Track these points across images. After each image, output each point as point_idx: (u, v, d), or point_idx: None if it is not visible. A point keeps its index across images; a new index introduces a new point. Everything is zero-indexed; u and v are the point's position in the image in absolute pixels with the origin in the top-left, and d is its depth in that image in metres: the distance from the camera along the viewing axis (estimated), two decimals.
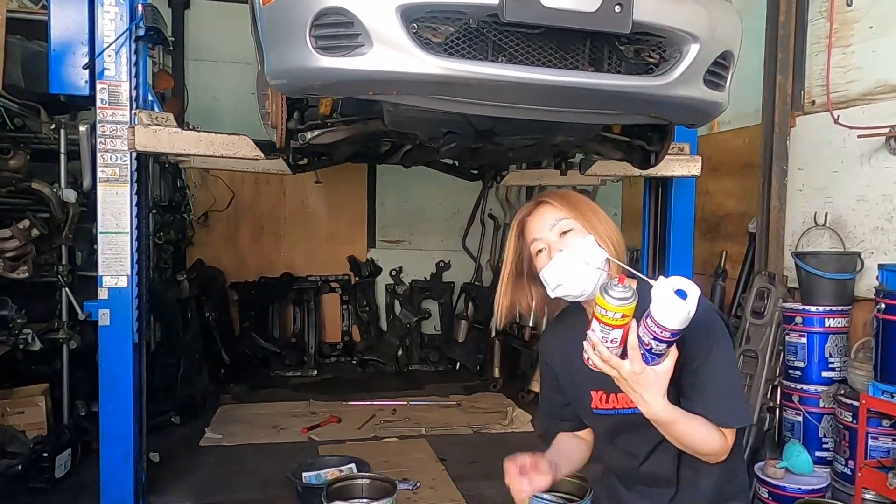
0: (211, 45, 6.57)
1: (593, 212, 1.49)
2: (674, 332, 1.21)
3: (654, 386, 1.27)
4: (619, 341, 1.26)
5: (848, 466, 3.25)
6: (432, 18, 2.04)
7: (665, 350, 1.26)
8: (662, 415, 1.30)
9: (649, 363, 1.26)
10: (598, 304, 1.24)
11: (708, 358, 1.38)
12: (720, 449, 1.38)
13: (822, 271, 3.56)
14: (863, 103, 3.65)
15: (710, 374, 1.38)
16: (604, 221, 1.47)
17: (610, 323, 1.23)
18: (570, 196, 1.52)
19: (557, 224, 1.46)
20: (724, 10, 2.38)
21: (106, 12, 3.18)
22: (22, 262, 3.78)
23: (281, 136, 2.86)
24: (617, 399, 1.48)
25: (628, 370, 1.26)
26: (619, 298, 1.21)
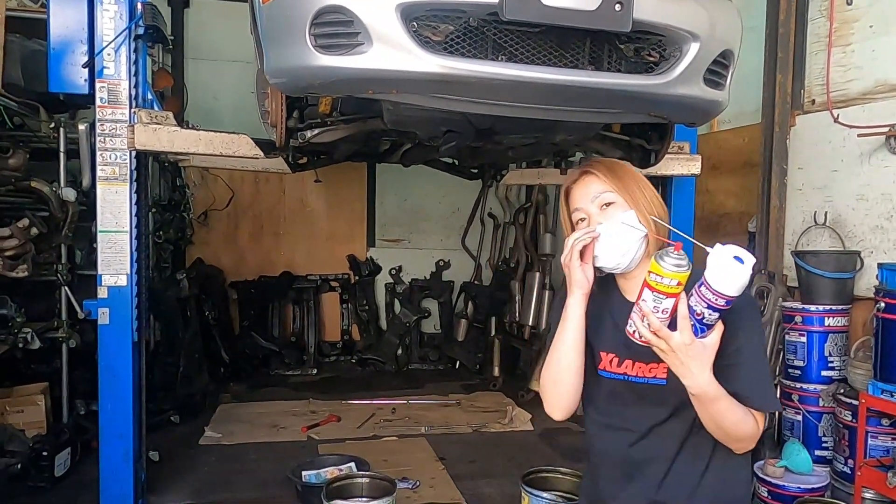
0: (210, 44, 6.57)
1: (637, 184, 1.46)
2: (728, 300, 1.21)
3: (702, 358, 1.26)
4: (669, 311, 1.25)
5: (847, 465, 3.26)
6: (432, 17, 2.04)
7: (715, 321, 1.25)
8: (708, 388, 1.28)
9: (697, 335, 1.25)
10: (651, 272, 1.23)
11: (751, 338, 1.38)
12: (753, 434, 1.35)
13: (822, 270, 3.56)
14: (863, 102, 3.65)
15: (751, 354, 1.37)
16: (648, 194, 1.45)
17: (664, 291, 1.22)
18: (615, 167, 1.49)
19: (600, 196, 1.45)
20: (724, 8, 2.37)
21: (105, 11, 3.18)
22: (21, 260, 3.78)
23: (280, 134, 2.86)
24: (631, 366, 1.45)
25: (678, 341, 1.24)
26: (675, 265, 1.21)
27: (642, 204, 1.44)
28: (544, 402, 1.53)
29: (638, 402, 1.46)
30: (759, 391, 1.37)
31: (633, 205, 1.43)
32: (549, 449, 4.51)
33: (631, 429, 1.48)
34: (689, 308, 1.24)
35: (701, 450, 1.44)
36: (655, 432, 1.46)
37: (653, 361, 1.41)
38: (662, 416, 1.43)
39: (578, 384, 1.48)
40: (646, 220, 1.42)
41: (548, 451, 4.45)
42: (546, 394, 1.51)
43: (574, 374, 1.46)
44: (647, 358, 1.41)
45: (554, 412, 1.51)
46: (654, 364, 1.42)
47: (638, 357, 1.44)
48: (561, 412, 1.50)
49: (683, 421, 1.43)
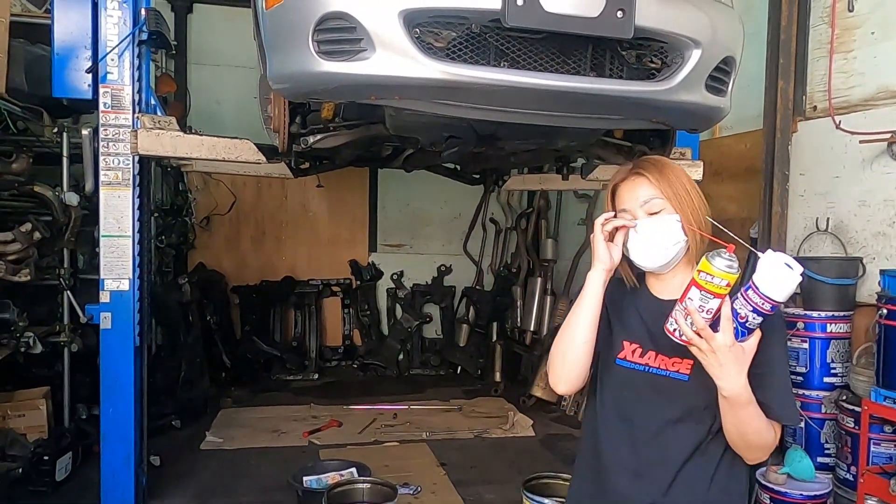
0: (213, 49, 6.59)
1: (686, 188, 1.45)
2: (774, 306, 1.23)
3: (740, 361, 1.27)
4: (713, 312, 1.25)
5: (850, 472, 3.24)
6: (434, 23, 2.05)
7: (757, 325, 1.26)
8: (743, 391, 1.29)
9: (738, 338, 1.26)
10: (701, 271, 1.24)
11: (781, 349, 1.39)
12: (771, 444, 1.37)
13: (824, 277, 3.56)
14: (864, 109, 3.65)
15: (779, 364, 1.38)
16: (696, 199, 1.45)
17: (712, 290, 1.23)
18: (666, 169, 1.47)
19: (649, 202, 1.45)
20: (725, 15, 2.38)
21: (109, 16, 3.20)
22: (24, 265, 3.78)
23: (283, 140, 2.87)
24: (654, 357, 1.45)
25: (721, 342, 1.25)
26: (728, 266, 1.23)
27: (689, 210, 1.44)
28: (550, 373, 1.51)
29: (653, 396, 1.45)
30: (783, 402, 1.38)
31: (680, 210, 1.43)
32: (550, 455, 4.50)
33: (641, 424, 1.47)
34: (733, 311, 1.26)
35: (711, 458, 1.43)
36: (667, 432, 1.44)
37: (676, 356, 1.41)
38: (675, 415, 1.42)
39: (588, 359, 1.47)
40: (689, 227, 1.43)
41: (549, 457, 4.44)
42: (554, 365, 1.49)
43: (585, 348, 1.45)
44: (670, 351, 1.41)
45: (559, 384, 1.50)
46: (678, 359, 1.41)
47: (662, 350, 1.43)
48: (566, 385, 1.49)
49: (697, 424, 1.42)
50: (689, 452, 1.43)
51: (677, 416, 1.42)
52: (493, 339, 6.57)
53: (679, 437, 1.44)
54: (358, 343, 7.02)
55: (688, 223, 1.43)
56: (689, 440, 1.43)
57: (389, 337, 6.95)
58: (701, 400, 1.37)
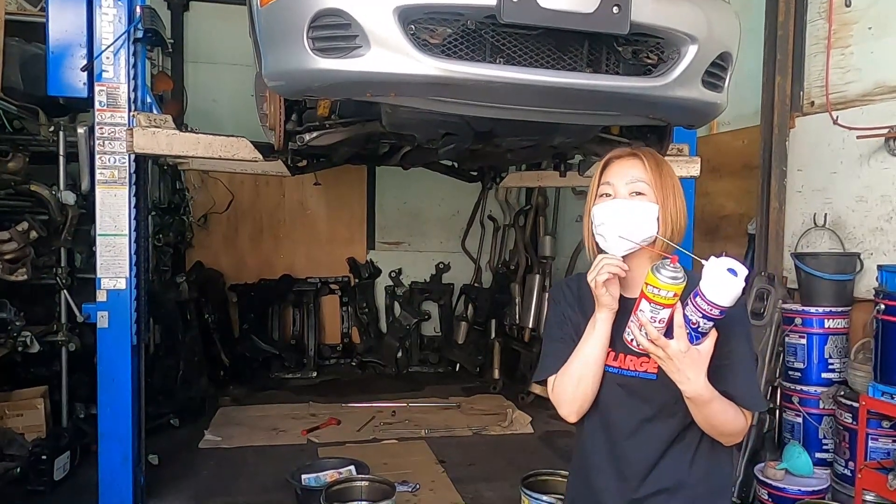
0: (210, 47, 6.58)
1: (673, 188, 1.47)
2: (722, 310, 1.26)
3: (697, 364, 1.31)
4: (665, 321, 1.29)
5: (848, 468, 3.25)
6: (430, 20, 2.04)
7: (710, 329, 1.30)
8: (703, 392, 1.33)
9: (693, 342, 1.30)
10: (648, 284, 1.28)
11: (741, 342, 1.43)
12: (741, 429, 1.42)
13: (822, 272, 3.56)
14: (862, 104, 3.65)
15: (741, 356, 1.43)
16: (678, 204, 1.46)
17: (661, 302, 1.27)
18: (663, 165, 1.49)
19: (635, 183, 1.46)
20: (721, 10, 2.38)
21: (104, 14, 3.19)
22: (21, 264, 3.78)
23: (279, 137, 2.86)
24: (623, 359, 1.48)
25: (675, 349, 1.29)
26: (671, 278, 1.26)
27: (669, 209, 1.45)
28: (560, 407, 1.54)
29: (626, 397, 1.48)
30: (747, 391, 1.43)
31: (661, 204, 1.45)
32: (549, 452, 4.50)
33: (618, 424, 1.50)
34: (685, 317, 1.29)
35: (688, 445, 1.47)
36: (645, 429, 1.48)
37: (643, 356, 1.44)
38: (649, 413, 1.46)
39: (595, 391, 1.50)
40: (664, 222, 1.44)
41: (548, 454, 4.44)
42: (565, 401, 1.52)
43: (595, 383, 1.49)
44: (637, 352, 1.43)
45: (571, 416, 1.53)
46: (646, 358, 1.44)
47: (630, 350, 1.45)
48: (578, 415, 1.53)
49: (670, 418, 1.45)
50: (667, 444, 1.47)
51: (652, 414, 1.46)
52: (491, 336, 6.57)
53: (656, 433, 1.47)
54: (356, 341, 7.02)
55: (663, 219, 1.44)
56: (665, 434, 1.47)
57: (388, 335, 6.95)
58: (671, 396, 1.39)
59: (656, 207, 1.44)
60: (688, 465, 1.47)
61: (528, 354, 6.08)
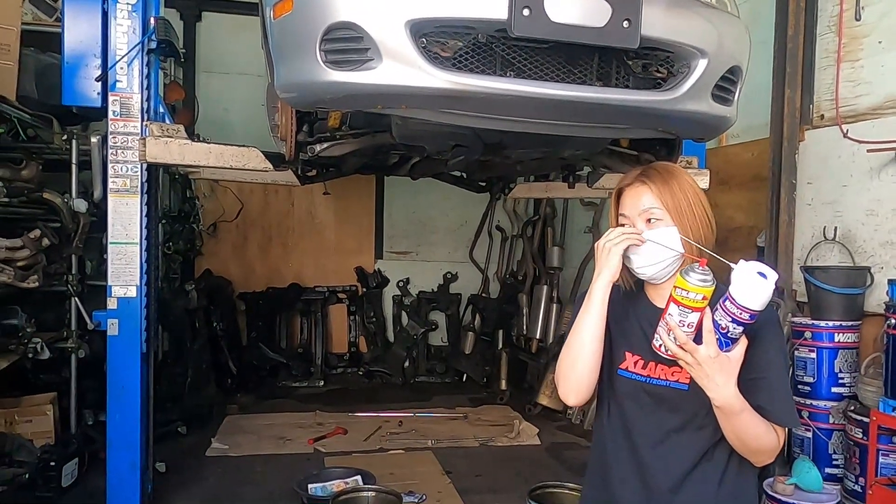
0: (222, 58, 6.64)
1: (689, 201, 1.45)
2: (752, 314, 1.24)
3: (727, 371, 1.28)
4: (694, 325, 1.28)
5: (858, 483, 3.22)
6: (441, 33, 2.05)
7: (740, 335, 1.28)
8: (733, 401, 1.30)
9: (722, 348, 1.28)
10: (677, 287, 1.27)
11: (778, 354, 1.41)
12: (773, 447, 1.38)
13: (832, 286, 3.54)
14: (872, 118, 3.64)
15: (777, 370, 1.40)
16: (697, 212, 1.45)
17: (690, 305, 1.26)
18: (671, 180, 1.47)
19: (648, 210, 1.46)
20: (731, 24, 2.38)
21: (119, 25, 3.23)
22: (32, 271, 3.80)
23: (290, 148, 2.88)
24: (654, 368, 1.46)
25: (704, 354, 1.27)
26: (701, 280, 1.25)
27: (688, 223, 1.44)
28: (560, 386, 1.51)
29: (656, 406, 1.46)
30: (782, 406, 1.39)
31: (679, 223, 1.44)
32: (556, 463, 4.48)
33: (645, 433, 1.48)
34: (714, 322, 1.27)
35: (717, 463, 1.44)
36: (672, 440, 1.45)
37: (675, 365, 1.42)
38: (678, 423, 1.44)
39: (597, 369, 1.47)
40: (687, 235, 1.43)
41: (555, 466, 4.42)
42: (562, 378, 1.50)
43: (594, 359, 1.46)
44: (669, 361, 1.42)
45: (569, 396, 1.49)
46: (677, 368, 1.42)
47: (661, 360, 1.44)
48: (577, 396, 1.49)
49: (700, 430, 1.42)
50: (696, 459, 1.44)
51: (680, 425, 1.44)
52: (498, 346, 6.56)
53: (683, 445, 1.44)
54: (363, 350, 7.02)
55: (685, 235, 1.43)
56: (694, 447, 1.44)
57: (395, 344, 6.95)
58: (702, 407, 1.38)
59: (674, 229, 1.43)
60: (716, 485, 1.43)
61: (535, 365, 6.06)
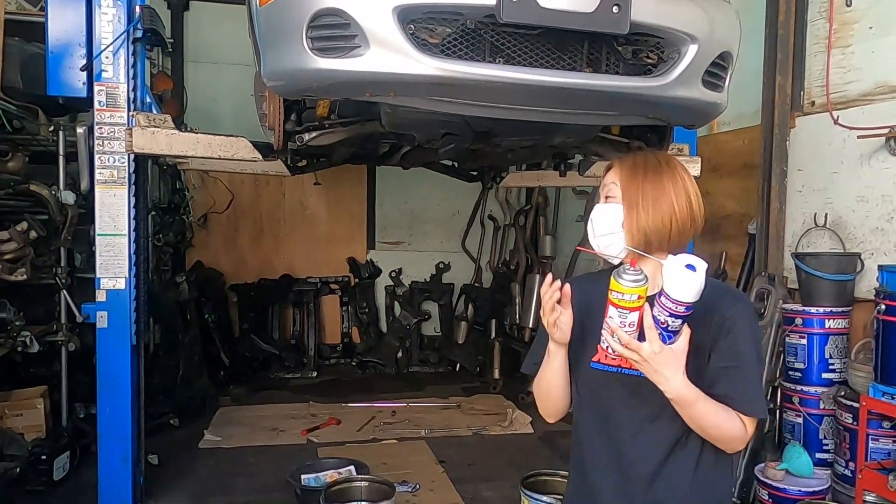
0: (210, 47, 6.57)
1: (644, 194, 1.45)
2: (688, 306, 1.27)
3: (673, 364, 1.31)
4: (636, 324, 1.31)
5: (848, 468, 3.24)
6: (429, 19, 2.04)
7: (680, 327, 1.31)
8: (683, 392, 1.33)
9: (666, 342, 1.31)
10: (612, 291, 1.30)
11: (750, 344, 1.42)
12: (740, 436, 1.40)
13: (822, 272, 3.55)
14: (862, 104, 3.64)
15: (745, 360, 1.41)
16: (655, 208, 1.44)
17: (626, 306, 1.29)
18: (638, 167, 1.48)
19: (607, 186, 1.52)
20: (722, 10, 2.37)
21: (104, 14, 3.18)
22: (20, 264, 3.77)
23: (279, 137, 2.86)
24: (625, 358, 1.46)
25: (648, 351, 1.30)
26: (633, 280, 1.27)
27: (638, 217, 1.44)
28: (539, 407, 1.65)
29: (628, 396, 1.48)
30: (747, 396, 1.40)
31: (627, 212, 1.46)
32: (549, 452, 4.49)
33: (619, 424, 1.50)
34: (654, 318, 1.30)
35: (691, 451, 1.45)
36: (646, 430, 1.47)
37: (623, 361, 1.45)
38: (651, 413, 1.45)
39: (567, 394, 1.58)
40: (628, 225, 1.44)
41: (548, 454, 4.43)
42: (540, 402, 1.64)
43: (563, 390, 1.56)
44: None
45: (549, 418, 1.64)
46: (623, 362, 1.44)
47: None
48: (555, 417, 1.63)
49: (673, 420, 1.43)
50: (670, 447, 1.46)
51: (654, 415, 1.45)
52: (491, 336, 6.56)
53: (657, 433, 1.46)
54: (356, 341, 7.02)
55: (631, 226, 1.44)
56: (667, 436, 1.46)
57: (388, 334, 6.95)
58: None
59: (619, 208, 1.46)
60: (691, 472, 1.45)
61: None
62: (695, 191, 1.48)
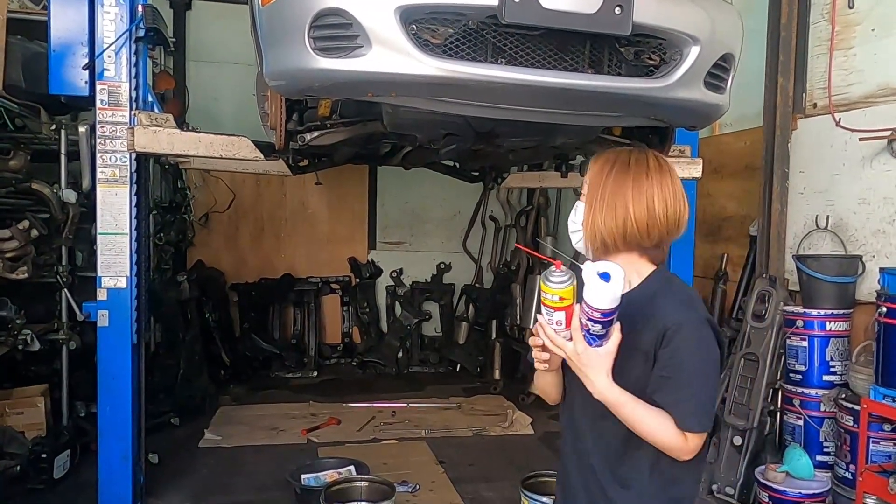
0: (212, 46, 6.58)
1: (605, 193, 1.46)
2: (604, 313, 1.30)
3: (596, 366, 1.35)
4: (563, 323, 1.35)
5: (849, 471, 3.24)
6: (431, 20, 2.04)
7: (602, 331, 1.33)
8: (606, 394, 1.37)
9: (591, 344, 1.35)
10: (541, 290, 1.34)
11: (692, 356, 1.39)
12: (675, 445, 1.38)
13: (824, 275, 3.55)
14: (864, 106, 3.64)
15: (686, 372, 1.38)
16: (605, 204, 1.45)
17: (551, 305, 1.33)
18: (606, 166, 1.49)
19: (583, 182, 1.56)
20: (724, 11, 2.37)
21: (106, 13, 3.18)
22: (22, 262, 3.77)
23: (280, 137, 2.86)
24: None
25: (571, 350, 1.35)
26: (556, 282, 1.31)
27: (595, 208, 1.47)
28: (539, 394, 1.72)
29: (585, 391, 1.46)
30: (680, 408, 1.37)
31: (587, 206, 1.50)
32: (549, 453, 4.49)
33: (579, 419, 1.54)
34: (580, 320, 1.34)
35: (647, 452, 1.43)
36: (598, 426, 1.49)
37: None
38: (602, 410, 1.43)
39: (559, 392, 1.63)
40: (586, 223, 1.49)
41: (548, 455, 4.43)
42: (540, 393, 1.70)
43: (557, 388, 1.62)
44: None
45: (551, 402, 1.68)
46: None
47: None
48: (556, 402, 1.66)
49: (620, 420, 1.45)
50: (622, 444, 1.46)
51: (603, 411, 1.44)
52: (492, 336, 6.56)
53: (607, 430, 1.47)
54: (357, 341, 7.02)
55: (589, 224, 1.48)
56: (616, 433, 1.45)
57: (388, 335, 6.94)
58: None
59: (582, 205, 1.51)
60: (647, 471, 1.45)
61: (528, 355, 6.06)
62: (664, 195, 1.45)
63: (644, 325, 1.39)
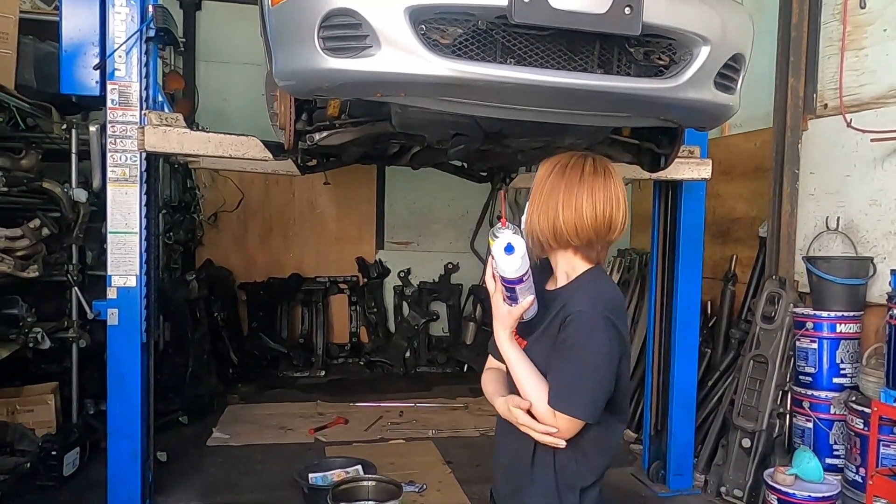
0: (222, 47, 6.60)
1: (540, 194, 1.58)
2: (508, 280, 1.46)
3: (502, 319, 1.53)
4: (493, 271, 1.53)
5: (859, 474, 3.22)
6: (440, 20, 2.03)
7: (514, 294, 1.48)
8: (504, 346, 1.53)
9: (506, 301, 1.51)
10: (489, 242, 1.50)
11: (572, 347, 1.48)
12: (544, 418, 1.48)
13: (834, 276, 3.53)
14: (876, 107, 3.62)
15: (572, 357, 1.48)
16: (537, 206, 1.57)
17: (493, 256, 1.48)
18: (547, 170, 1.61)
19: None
20: (735, 12, 2.35)
21: (117, 13, 3.20)
22: (32, 261, 3.80)
23: (289, 137, 2.86)
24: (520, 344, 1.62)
25: (493, 299, 1.54)
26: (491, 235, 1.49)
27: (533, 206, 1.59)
28: None
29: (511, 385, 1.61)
30: (554, 389, 1.49)
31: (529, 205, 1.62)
32: None
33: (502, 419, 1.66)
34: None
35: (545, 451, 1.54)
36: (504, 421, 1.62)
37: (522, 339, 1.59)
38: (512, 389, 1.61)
39: None
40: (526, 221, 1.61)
41: None
42: None
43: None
44: (524, 334, 1.59)
45: None
46: (522, 340, 1.59)
47: (520, 334, 1.59)
48: None
49: None
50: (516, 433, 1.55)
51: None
52: None
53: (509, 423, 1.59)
54: (365, 340, 7.03)
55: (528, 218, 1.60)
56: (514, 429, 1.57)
57: (396, 334, 6.95)
58: None
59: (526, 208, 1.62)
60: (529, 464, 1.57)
61: None
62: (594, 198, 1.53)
63: (557, 314, 1.52)
